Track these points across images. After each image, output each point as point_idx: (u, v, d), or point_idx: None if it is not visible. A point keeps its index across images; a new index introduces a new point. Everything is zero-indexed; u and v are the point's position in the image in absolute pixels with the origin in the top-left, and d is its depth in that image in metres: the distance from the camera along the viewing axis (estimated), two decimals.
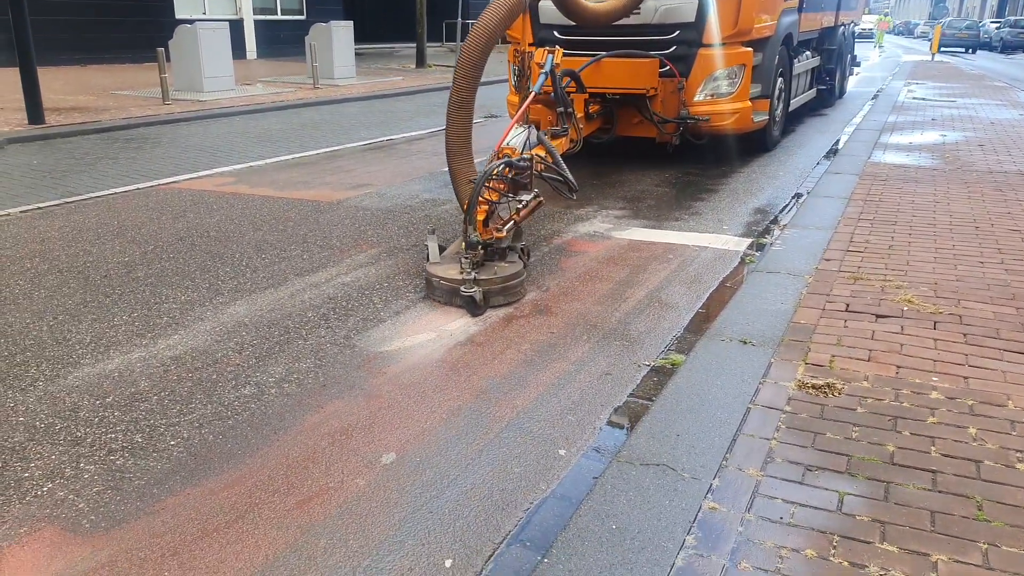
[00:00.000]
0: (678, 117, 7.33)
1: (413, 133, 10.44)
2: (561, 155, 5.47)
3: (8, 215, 6.09)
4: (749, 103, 7.67)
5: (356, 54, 18.47)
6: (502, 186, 4.46)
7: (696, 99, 7.40)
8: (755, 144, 8.52)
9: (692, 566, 2.11)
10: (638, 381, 3.33)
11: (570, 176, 5.01)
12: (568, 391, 3.26)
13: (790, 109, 9.45)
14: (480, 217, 4.29)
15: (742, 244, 5.27)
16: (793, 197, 6.59)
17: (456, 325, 3.94)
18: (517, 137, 5.00)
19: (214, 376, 3.40)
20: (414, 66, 21.62)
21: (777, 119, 8.80)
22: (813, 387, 3.07)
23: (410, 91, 15.67)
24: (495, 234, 4.26)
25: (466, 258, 4.16)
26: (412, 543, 2.35)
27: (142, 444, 2.87)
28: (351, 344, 3.73)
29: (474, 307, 4.03)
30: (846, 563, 2.11)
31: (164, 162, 8.26)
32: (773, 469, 2.54)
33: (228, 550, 2.32)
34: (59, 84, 14.82)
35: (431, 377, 3.40)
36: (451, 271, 4.18)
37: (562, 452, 2.82)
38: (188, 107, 11.98)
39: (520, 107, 5.26)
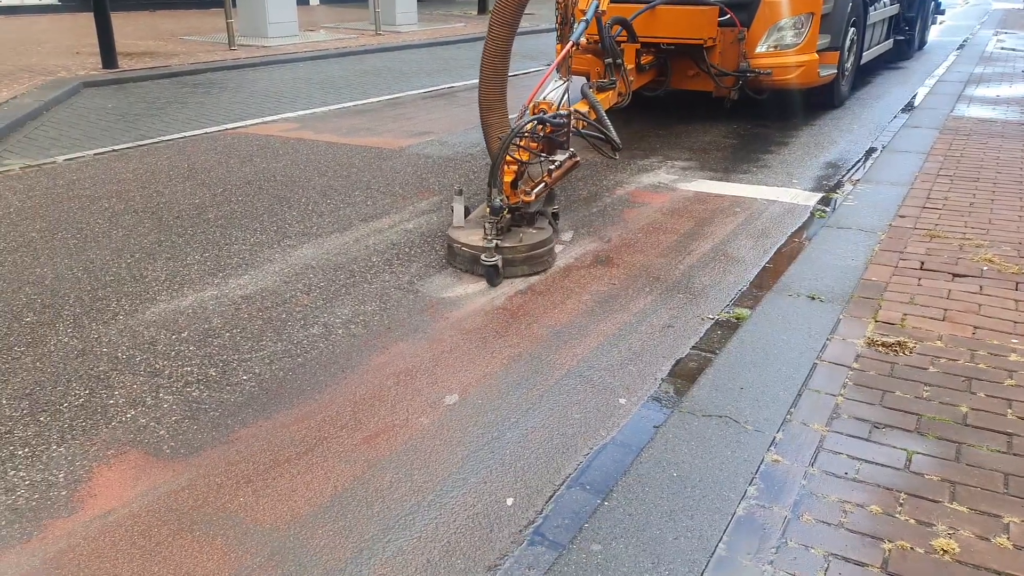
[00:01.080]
0: (737, 70, 6.89)
1: (474, 81, 10.35)
2: (608, 109, 5.20)
3: (85, 157, 6.31)
4: (816, 55, 7.12)
5: (418, 0, 18.30)
6: (535, 145, 4.12)
7: (758, 51, 6.91)
8: (821, 100, 7.98)
9: (753, 516, 2.11)
10: (701, 334, 3.30)
11: (613, 134, 4.62)
12: (629, 342, 3.25)
13: (862, 62, 8.83)
14: (508, 178, 3.95)
15: (812, 199, 5.12)
16: (867, 151, 6.34)
17: None
18: (554, 91, 4.67)
19: (283, 315, 3.50)
20: (476, 12, 21.33)
21: (846, 73, 8.19)
22: (883, 345, 3.00)
23: (471, 38, 15.49)
24: (523, 198, 3.96)
25: (490, 223, 3.82)
26: (474, 481, 2.40)
27: (216, 377, 2.99)
28: (414, 289, 3.78)
29: (495, 276, 3.79)
30: (912, 520, 2.08)
31: (231, 107, 8.40)
32: (839, 425, 2.51)
33: (298, 480, 2.42)
34: (130, 29, 15.13)
35: (492, 323, 3.43)
36: (474, 236, 3.93)
37: (622, 401, 2.83)
38: (253, 53, 12.10)
39: (559, 57, 4.86)
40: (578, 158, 4.27)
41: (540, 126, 4.06)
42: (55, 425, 2.69)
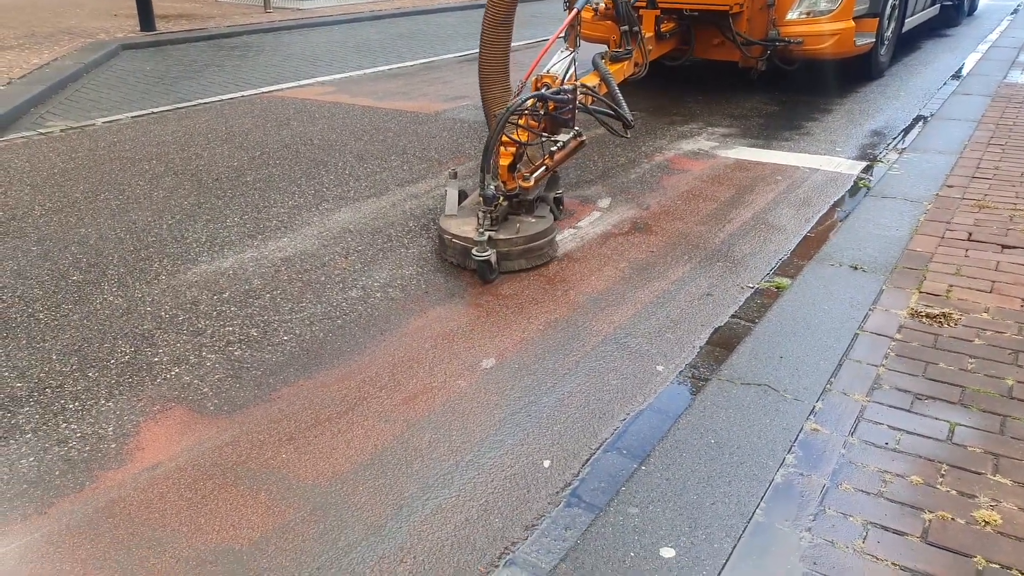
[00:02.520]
0: (766, 39, 6.46)
1: (530, 41, 10.22)
2: (622, 81, 4.94)
3: (125, 119, 6.38)
4: (852, 23, 6.61)
5: None
6: (536, 124, 3.76)
7: (789, 17, 6.47)
8: (857, 71, 7.45)
9: (792, 483, 2.11)
10: (741, 303, 3.27)
11: (626, 110, 4.23)
12: (667, 309, 3.24)
13: (904, 30, 8.17)
14: (505, 161, 3.63)
15: (856, 167, 5.00)
16: (914, 119, 6.16)
17: None
18: (559, 63, 4.25)
19: (322, 278, 3.53)
20: None
21: (886, 42, 7.63)
22: (927, 316, 2.94)
23: None
24: (521, 183, 3.60)
25: (484, 212, 3.47)
26: (511, 443, 2.43)
27: (257, 337, 3.04)
28: None
29: (488, 272, 3.45)
30: (954, 492, 2.05)
31: (267, 70, 8.42)
32: (880, 396, 2.48)
33: (339, 439, 2.46)
34: None
35: (528, 289, 3.43)
36: (467, 227, 3.58)
37: (660, 368, 2.82)
38: (288, 15, 12.09)
39: (563, 24, 4.44)
40: (584, 137, 3.84)
41: (541, 103, 3.69)
42: (103, 381, 2.76)
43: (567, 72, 4.18)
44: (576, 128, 3.84)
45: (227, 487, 2.25)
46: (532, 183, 3.63)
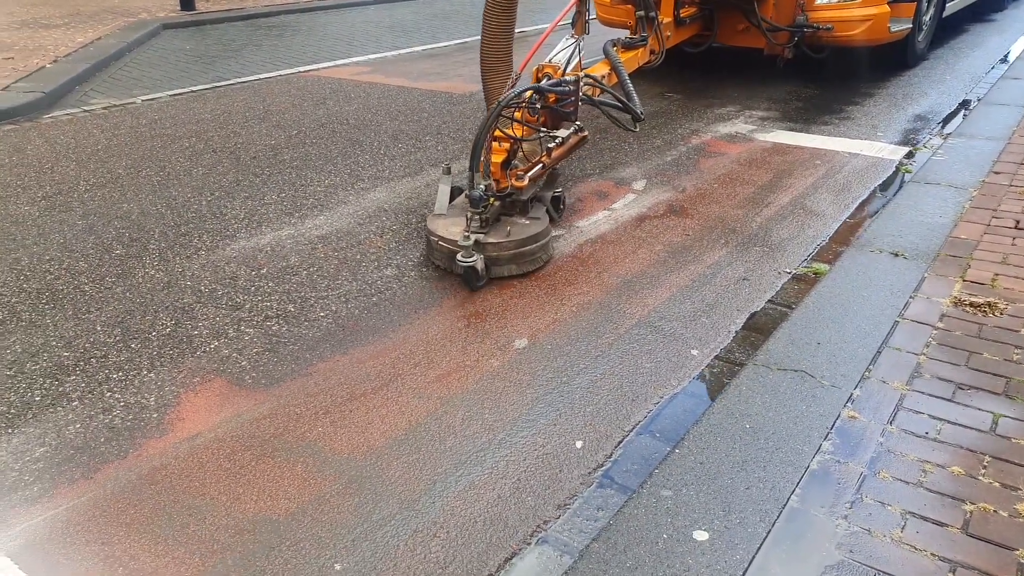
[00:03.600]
0: (793, 24, 6.10)
1: (546, 26, 10.15)
2: (635, 70, 4.74)
3: (166, 97, 6.47)
4: (887, 7, 6.16)
5: None
6: (536, 118, 3.56)
7: (819, 2, 6.12)
8: (891, 59, 7.00)
9: (828, 470, 2.09)
10: (778, 288, 3.23)
11: (636, 103, 3.97)
12: (703, 293, 3.21)
13: (944, 15, 7.60)
14: (498, 158, 3.40)
15: (898, 152, 4.89)
16: (961, 104, 6.00)
17: (586, 222, 3.92)
18: (563, 51, 3.97)
19: (358, 256, 3.56)
20: None
21: (924, 28, 7.11)
22: (971, 305, 2.88)
23: None
24: (514, 182, 3.34)
25: (474, 213, 3.27)
26: (544, 423, 2.44)
27: (294, 313, 3.08)
28: None
29: (474, 279, 3.22)
30: (997, 484, 2.02)
31: (304, 50, 8.46)
32: (920, 384, 2.44)
33: (374, 413, 2.49)
34: None
35: (561, 271, 3.43)
36: (455, 228, 3.35)
37: (694, 352, 2.80)
38: None
39: (565, 9, 4.24)
40: (586, 133, 3.63)
41: (539, 96, 3.47)
42: (145, 352, 2.82)
43: (571, 61, 3.94)
44: (577, 123, 3.61)
45: (264, 458, 2.29)
46: (526, 182, 3.33)
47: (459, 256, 3.16)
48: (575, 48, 3.98)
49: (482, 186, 3.25)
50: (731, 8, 6.20)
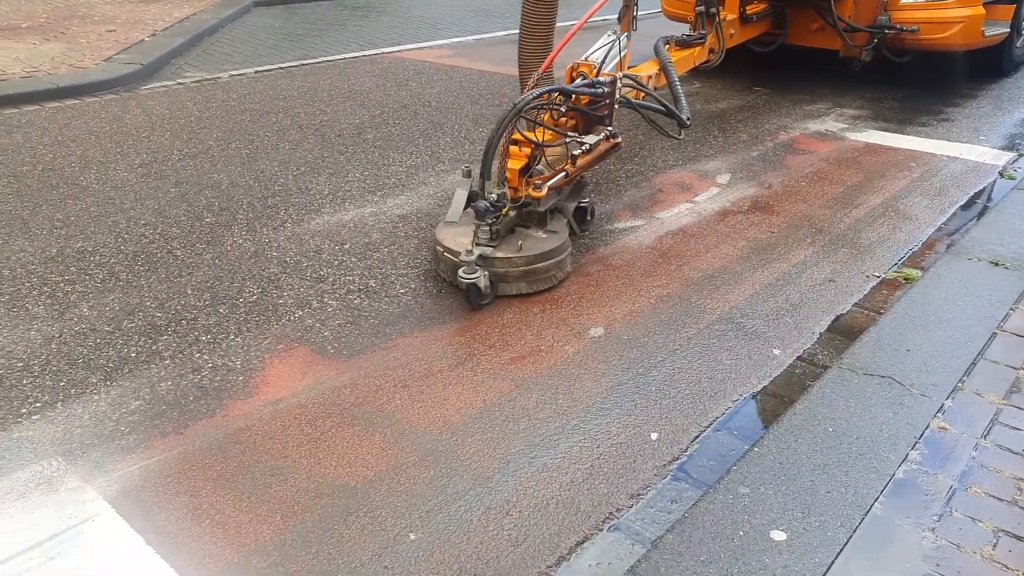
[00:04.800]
0: (874, 25, 5.58)
1: (652, 10, 10.02)
2: (692, 69, 4.44)
3: (255, 73, 6.65)
4: (982, 9, 5.55)
5: None
6: (566, 120, 3.29)
7: (904, 1, 5.58)
8: (983, 66, 6.37)
9: (915, 481, 2.02)
10: (866, 292, 3.13)
11: (684, 107, 3.64)
12: (786, 292, 3.13)
13: None
14: (516, 164, 3.10)
15: (1001, 158, 4.66)
16: None
17: (667, 214, 3.87)
18: (601, 48, 3.63)
19: None
20: None
21: (1023, 31, 6.47)
22: None
23: None
24: (531, 192, 3.08)
25: (484, 224, 3.03)
26: (618, 412, 2.42)
27: (375, 288, 3.14)
28: None
29: (477, 297, 2.97)
30: None
31: (389, 31, 8.57)
32: (1018, 400, 2.33)
33: (450, 390, 2.52)
34: None
35: (640, 262, 3.40)
36: (464, 239, 3.10)
37: (776, 352, 2.74)
38: None
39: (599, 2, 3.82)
40: (619, 139, 3.28)
41: (563, 97, 3.17)
42: (233, 317, 2.93)
43: (609, 59, 3.59)
44: (609, 128, 3.30)
45: (344, 426, 2.35)
46: (543, 192, 3.06)
47: (461, 271, 2.92)
48: (615, 45, 3.65)
49: (494, 195, 3.05)
50: (805, 5, 5.73)
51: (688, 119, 3.64)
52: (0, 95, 5.54)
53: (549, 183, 3.07)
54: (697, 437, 2.32)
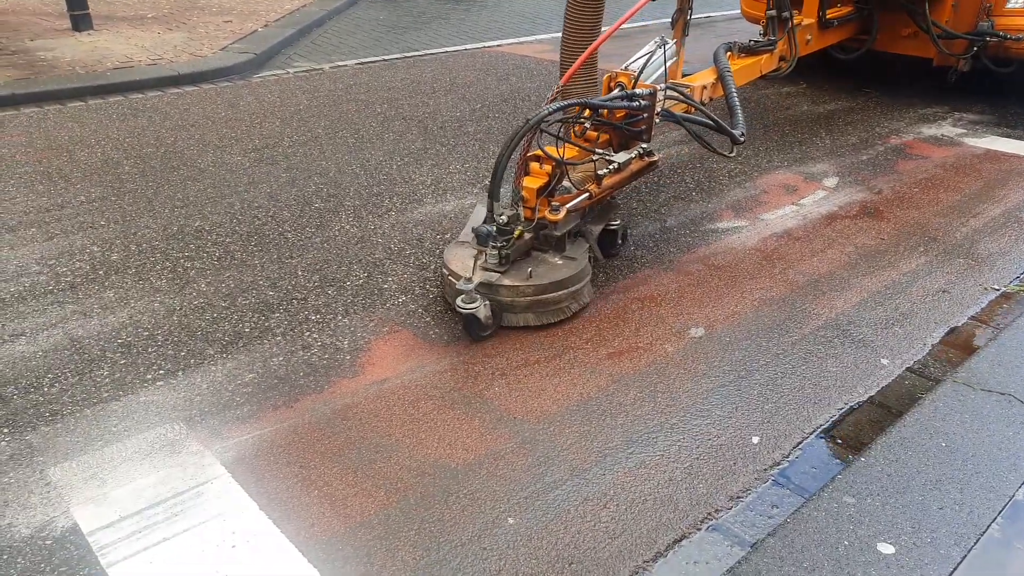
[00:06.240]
0: (975, 32, 5.13)
1: (736, 11, 9.80)
2: (758, 78, 4.18)
3: (360, 64, 6.86)
4: None
5: None
6: (597, 134, 3.02)
7: (1011, 5, 5.08)
8: None
9: None
10: (983, 305, 2.98)
11: (739, 122, 3.33)
12: (896, 302, 3.02)
13: None
14: (534, 184, 2.82)
15: None
16: None
17: (771, 216, 3.78)
18: (642, 56, 3.31)
19: None
20: None
21: None
22: None
23: None
24: (548, 215, 2.81)
25: (493, 247, 2.78)
26: (719, 414, 2.40)
27: None
28: (661, 218, 3.75)
29: (477, 329, 2.73)
30: None
31: (489, 25, 8.67)
32: None
33: (547, 381, 2.55)
34: None
35: (743, 263, 3.34)
36: (473, 261, 2.84)
37: (885, 361, 2.65)
38: None
39: (639, 4, 3.50)
40: (655, 158, 3.04)
41: (585, 111, 2.89)
42: (340, 299, 3.04)
43: (651, 68, 3.27)
44: (644, 146, 3.04)
45: (444, 409, 2.41)
46: (561, 215, 2.81)
47: (459, 300, 2.69)
48: (659, 53, 3.32)
49: (504, 216, 2.82)
50: (894, 9, 5.26)
51: (742, 135, 3.34)
52: (127, 81, 5.92)
53: (568, 205, 2.83)
54: (800, 443, 2.28)
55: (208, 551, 1.88)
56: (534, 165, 2.87)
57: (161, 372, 2.58)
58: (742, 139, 3.32)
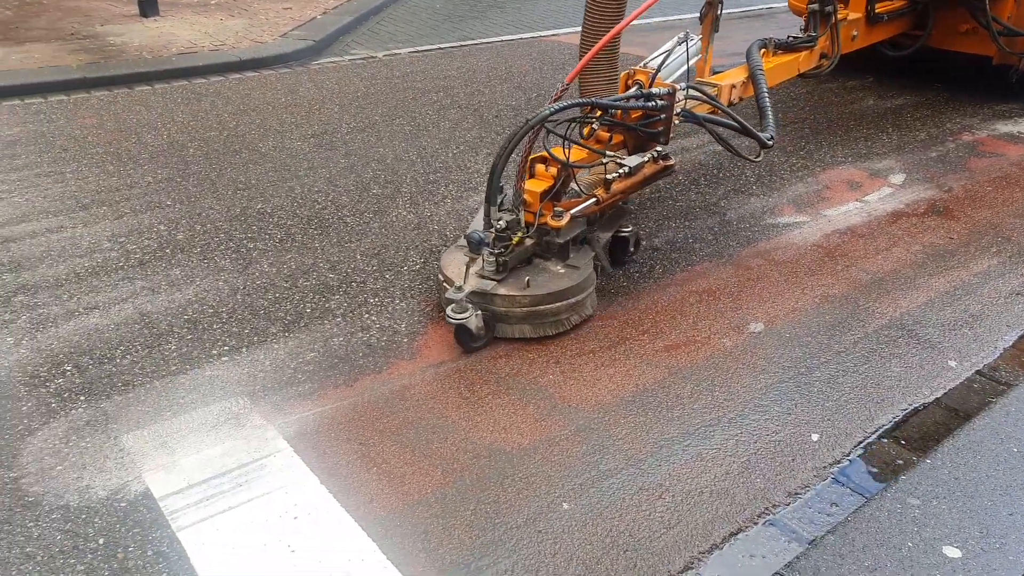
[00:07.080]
0: None
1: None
2: (795, 77, 3.98)
3: (417, 52, 6.90)
4: None
5: None
6: (610, 135, 2.90)
7: None
8: None
9: None
10: None
11: (770, 124, 3.15)
12: (965, 303, 2.93)
13: None
14: (538, 187, 2.70)
15: None
16: None
17: (834, 212, 3.70)
18: (665, 52, 3.16)
19: None
20: None
21: None
22: None
23: None
24: (550, 221, 2.66)
25: (490, 253, 2.65)
26: (778, 410, 2.37)
27: None
28: (720, 211, 3.71)
29: (469, 340, 2.60)
30: None
31: (545, 14, 8.64)
32: None
33: (602, 371, 2.55)
34: None
35: (804, 259, 3.28)
36: (473, 267, 2.71)
37: (952, 363, 2.58)
38: None
39: None
40: (671, 162, 2.90)
41: (593, 110, 2.75)
42: (398, 283, 3.08)
43: (672, 66, 3.12)
44: (659, 149, 2.89)
45: (500, 394, 2.43)
46: (564, 222, 2.65)
47: (448, 309, 2.56)
48: (683, 48, 3.16)
49: (503, 221, 2.69)
50: (953, 4, 4.99)
51: (771, 139, 3.12)
52: (191, 66, 6.06)
53: (571, 211, 2.68)
54: (861, 443, 2.23)
55: (272, 521, 1.93)
56: (539, 167, 2.76)
57: (226, 348, 2.64)
58: (771, 143, 3.13)
